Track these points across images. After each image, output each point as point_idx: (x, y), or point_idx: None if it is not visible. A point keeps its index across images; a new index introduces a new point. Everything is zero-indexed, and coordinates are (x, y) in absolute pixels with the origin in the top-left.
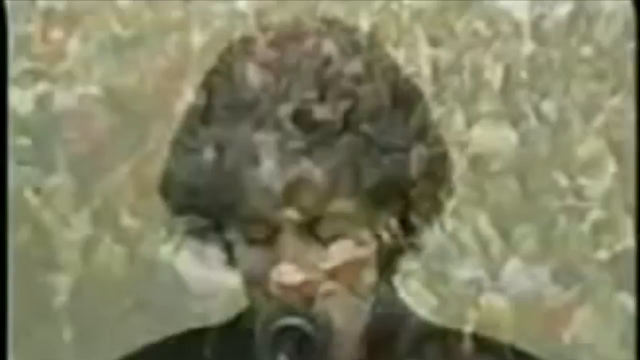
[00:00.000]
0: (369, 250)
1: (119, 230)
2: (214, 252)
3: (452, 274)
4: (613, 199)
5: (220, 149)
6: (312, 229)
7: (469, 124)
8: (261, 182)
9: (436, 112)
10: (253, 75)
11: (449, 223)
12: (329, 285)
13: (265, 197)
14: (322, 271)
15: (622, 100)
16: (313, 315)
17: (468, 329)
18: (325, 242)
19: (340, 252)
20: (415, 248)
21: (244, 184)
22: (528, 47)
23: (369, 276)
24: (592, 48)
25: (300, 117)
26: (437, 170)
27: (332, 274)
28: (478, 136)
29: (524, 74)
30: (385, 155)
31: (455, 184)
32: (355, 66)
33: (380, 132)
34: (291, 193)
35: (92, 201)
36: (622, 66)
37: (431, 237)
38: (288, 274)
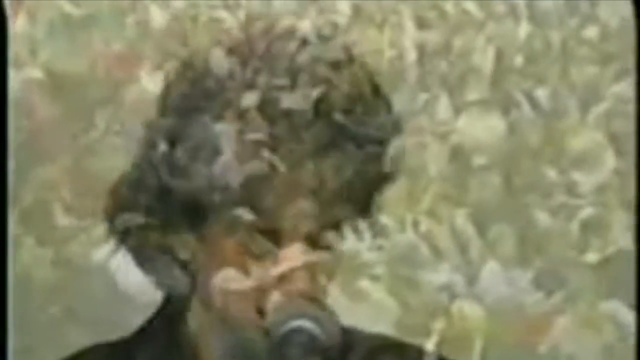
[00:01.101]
0: (328, 254)
1: (49, 230)
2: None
3: (423, 279)
4: (608, 195)
5: (172, 141)
6: (267, 230)
7: (455, 112)
8: (216, 177)
9: (419, 99)
10: (218, 61)
11: (423, 223)
12: (277, 296)
13: (219, 194)
14: (273, 277)
15: (627, 88)
16: (321, 317)
17: (431, 343)
18: (280, 245)
19: (296, 255)
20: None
21: (197, 179)
22: (524, 28)
23: (323, 283)
24: (596, 29)
25: (266, 106)
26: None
27: (283, 280)
28: (463, 126)
29: (518, 59)
30: (360, 148)
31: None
32: (333, 50)
33: (356, 122)
34: (248, 190)
35: (23, 196)
36: (629, 49)
37: (402, 238)
38: (234, 280)
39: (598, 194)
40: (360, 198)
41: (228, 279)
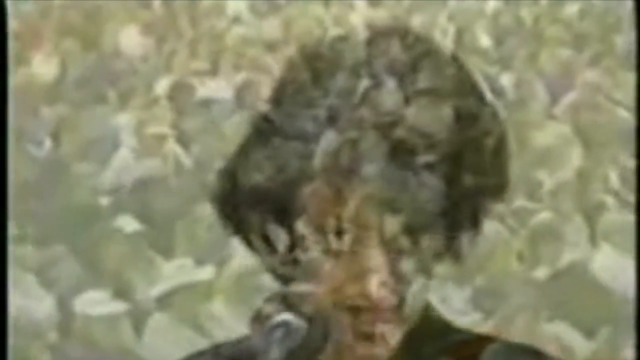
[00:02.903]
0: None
1: None
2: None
3: None
4: (567, 198)
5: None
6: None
7: (405, 100)
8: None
9: (363, 85)
10: (129, 40)
11: (347, 230)
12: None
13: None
14: (407, 278)
15: (601, 75)
16: (310, 315)
17: None
18: (414, 235)
19: (428, 245)
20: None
21: None
22: (491, 4)
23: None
24: (576, 7)
25: (179, 94)
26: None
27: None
28: (411, 116)
29: (482, 39)
30: (287, 143)
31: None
32: (271, 28)
33: (285, 114)
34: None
35: None
36: (609, 31)
37: None
38: (376, 285)
39: (557, 196)
40: (281, 200)
41: (373, 285)
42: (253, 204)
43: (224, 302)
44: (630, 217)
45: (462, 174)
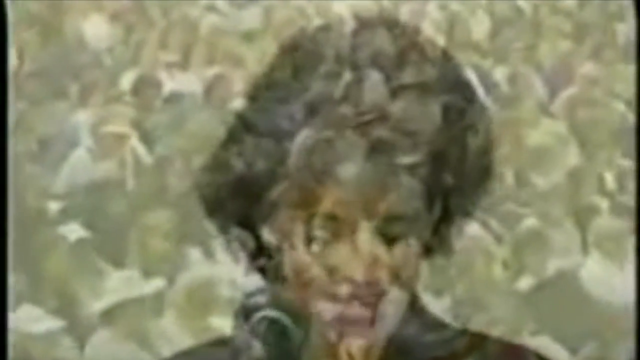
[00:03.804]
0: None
1: None
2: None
3: None
4: (558, 201)
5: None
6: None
7: (392, 94)
8: None
9: (345, 79)
10: (95, 31)
11: (317, 237)
12: (389, 286)
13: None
14: (388, 271)
15: (601, 69)
16: (293, 309)
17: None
18: (389, 243)
19: (403, 253)
20: (449, 249)
21: None
22: None
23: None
24: None
25: (145, 88)
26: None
27: (394, 276)
28: (395, 113)
29: (477, 30)
30: (260, 142)
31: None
32: (249, 17)
33: (259, 110)
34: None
35: None
36: (611, 20)
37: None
38: (362, 272)
39: (547, 199)
40: (250, 202)
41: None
42: (218, 207)
43: (174, 318)
44: (624, 223)
45: (444, 174)
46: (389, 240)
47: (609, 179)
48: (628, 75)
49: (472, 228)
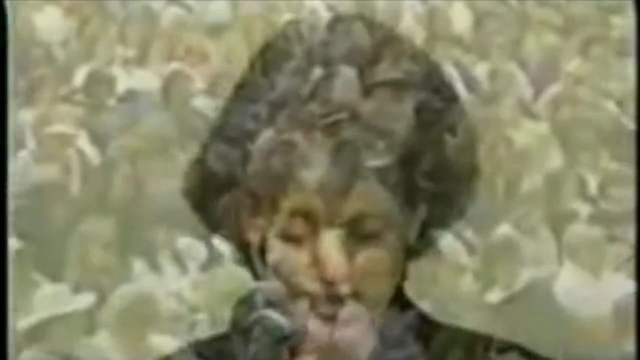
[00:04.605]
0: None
1: None
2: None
3: None
4: (534, 207)
5: None
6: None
7: (364, 92)
8: None
9: (315, 75)
10: (48, 24)
11: (277, 247)
12: (358, 286)
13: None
14: (359, 269)
15: (589, 65)
16: (287, 308)
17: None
18: (362, 242)
19: (372, 257)
20: (437, 250)
21: None
22: None
23: (389, 285)
24: None
25: (98, 85)
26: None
27: (361, 276)
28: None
29: (458, 23)
30: (222, 143)
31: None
32: (214, 9)
33: (222, 110)
34: None
35: None
36: (603, 16)
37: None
38: (333, 268)
39: (524, 204)
40: (200, 208)
41: (328, 267)
42: (199, 207)
43: (108, 336)
44: (601, 231)
45: (420, 176)
46: (360, 240)
47: (592, 184)
48: (620, 72)
49: (443, 240)
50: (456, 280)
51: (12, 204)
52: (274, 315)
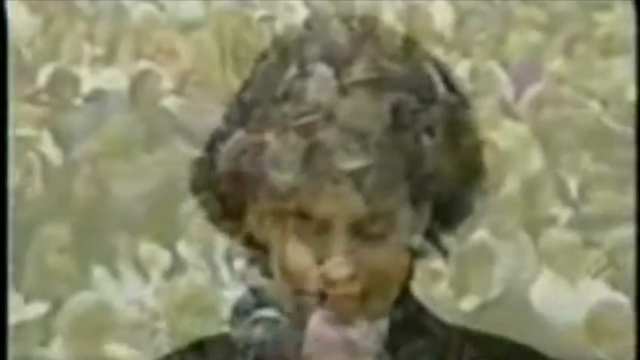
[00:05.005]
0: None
1: None
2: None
3: None
4: (511, 211)
5: None
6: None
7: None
8: None
9: (290, 74)
10: (13, 21)
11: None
12: (363, 286)
13: None
14: (367, 270)
15: (573, 64)
16: (288, 308)
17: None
18: (371, 241)
19: (384, 253)
20: (444, 251)
21: None
22: None
23: (394, 285)
24: None
25: (62, 85)
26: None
27: (366, 276)
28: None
29: (440, 19)
30: (192, 146)
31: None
32: (186, 5)
33: (192, 111)
34: None
35: None
36: (588, 13)
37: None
38: (337, 268)
39: (500, 208)
40: (164, 216)
41: (332, 267)
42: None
43: (62, 345)
44: (579, 236)
45: (396, 182)
46: (364, 241)
47: (572, 186)
48: (604, 71)
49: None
50: (430, 286)
51: None
52: (273, 313)
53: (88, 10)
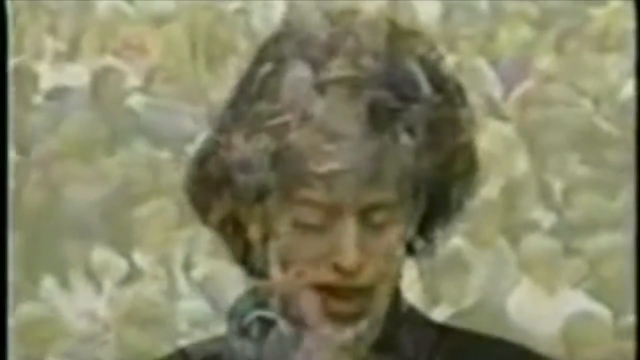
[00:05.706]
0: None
1: None
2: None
3: None
4: (488, 217)
5: None
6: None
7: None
8: None
9: (263, 71)
10: None
11: (201, 265)
12: (371, 278)
13: None
14: (378, 257)
15: (563, 61)
16: (285, 308)
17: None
18: (377, 230)
19: (390, 240)
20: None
21: None
22: None
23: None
24: None
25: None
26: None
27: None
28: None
29: (425, 12)
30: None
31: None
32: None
33: (159, 110)
34: None
35: None
36: (581, 7)
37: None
38: (349, 258)
39: (478, 213)
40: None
41: (344, 257)
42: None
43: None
44: (559, 244)
45: (369, 188)
46: (372, 230)
47: (557, 190)
48: (597, 68)
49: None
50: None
51: None
52: (270, 314)
53: (52, 4)
